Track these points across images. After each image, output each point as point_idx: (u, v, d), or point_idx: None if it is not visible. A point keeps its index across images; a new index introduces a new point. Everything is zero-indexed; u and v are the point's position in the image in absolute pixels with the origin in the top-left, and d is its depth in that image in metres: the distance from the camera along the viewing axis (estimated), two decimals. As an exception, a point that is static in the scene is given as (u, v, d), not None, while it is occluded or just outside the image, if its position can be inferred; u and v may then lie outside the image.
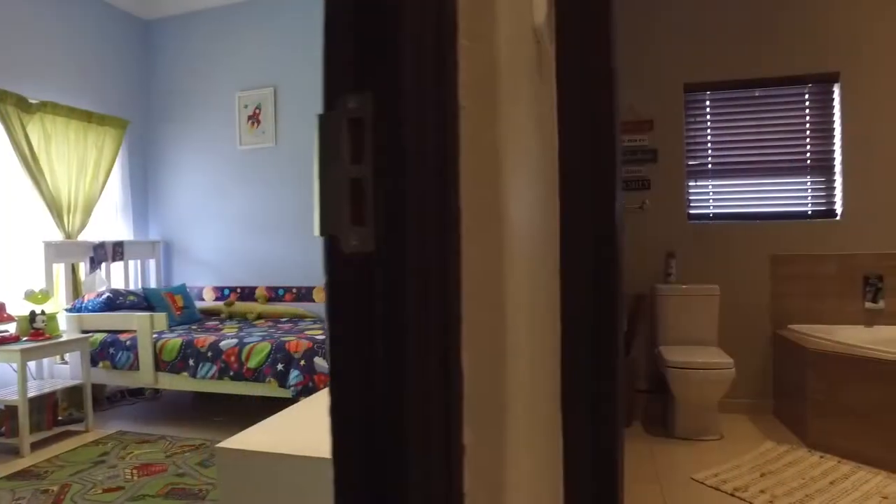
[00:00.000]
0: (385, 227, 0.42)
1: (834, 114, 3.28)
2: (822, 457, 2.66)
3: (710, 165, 3.42)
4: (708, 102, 3.42)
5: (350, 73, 0.43)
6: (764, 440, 2.90)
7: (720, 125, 3.41)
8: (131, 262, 4.27)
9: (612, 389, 0.88)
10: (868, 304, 3.17)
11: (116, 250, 4.02)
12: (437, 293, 0.42)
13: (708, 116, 3.42)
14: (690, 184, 3.43)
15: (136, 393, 3.97)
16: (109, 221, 4.20)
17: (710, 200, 3.42)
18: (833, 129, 3.29)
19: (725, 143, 3.40)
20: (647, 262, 3.42)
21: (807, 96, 3.32)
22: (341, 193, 0.43)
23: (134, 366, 3.28)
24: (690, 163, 3.42)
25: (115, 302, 3.53)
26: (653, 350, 3.34)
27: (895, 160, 3.18)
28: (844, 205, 3.25)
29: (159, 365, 3.24)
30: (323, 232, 0.44)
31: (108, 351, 3.34)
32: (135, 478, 2.54)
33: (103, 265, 3.94)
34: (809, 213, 3.32)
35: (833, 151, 3.29)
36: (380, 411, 0.42)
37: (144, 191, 4.53)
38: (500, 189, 0.50)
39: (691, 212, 3.42)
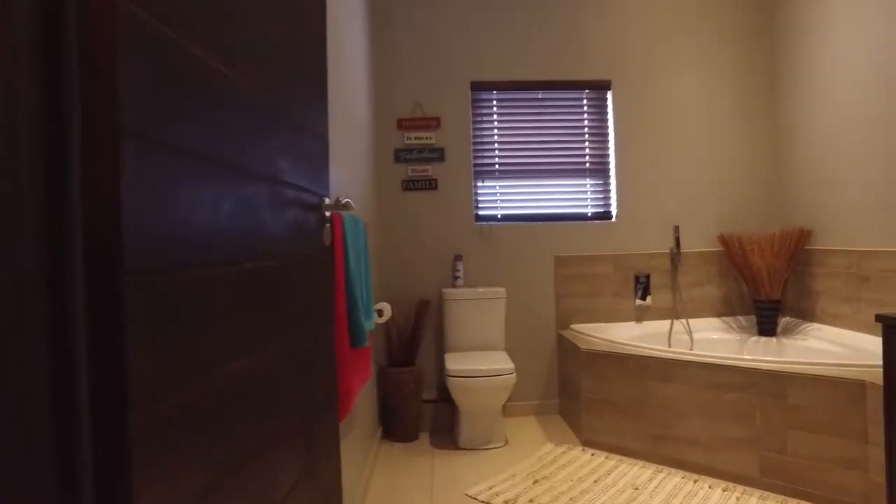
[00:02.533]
0: None
1: (608, 120, 3.43)
2: (592, 454, 2.67)
3: (497, 166, 3.38)
4: (495, 102, 3.38)
5: None
6: (545, 442, 2.86)
7: (507, 126, 3.39)
8: None
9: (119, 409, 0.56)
10: (638, 302, 3.33)
11: None
12: None
13: (495, 116, 3.38)
14: (478, 184, 3.36)
15: None
16: None
17: (498, 201, 3.37)
18: (608, 135, 3.43)
19: (512, 144, 3.39)
20: (434, 265, 3.27)
21: (585, 101, 3.43)
22: None
23: None
24: (478, 162, 3.35)
25: None
26: (441, 357, 3.18)
27: (657, 166, 3.40)
28: (618, 206, 3.39)
29: None
30: None
31: None
32: None
33: None
34: (589, 214, 3.42)
35: (608, 156, 3.43)
36: None
37: None
38: None
39: (479, 213, 3.35)
